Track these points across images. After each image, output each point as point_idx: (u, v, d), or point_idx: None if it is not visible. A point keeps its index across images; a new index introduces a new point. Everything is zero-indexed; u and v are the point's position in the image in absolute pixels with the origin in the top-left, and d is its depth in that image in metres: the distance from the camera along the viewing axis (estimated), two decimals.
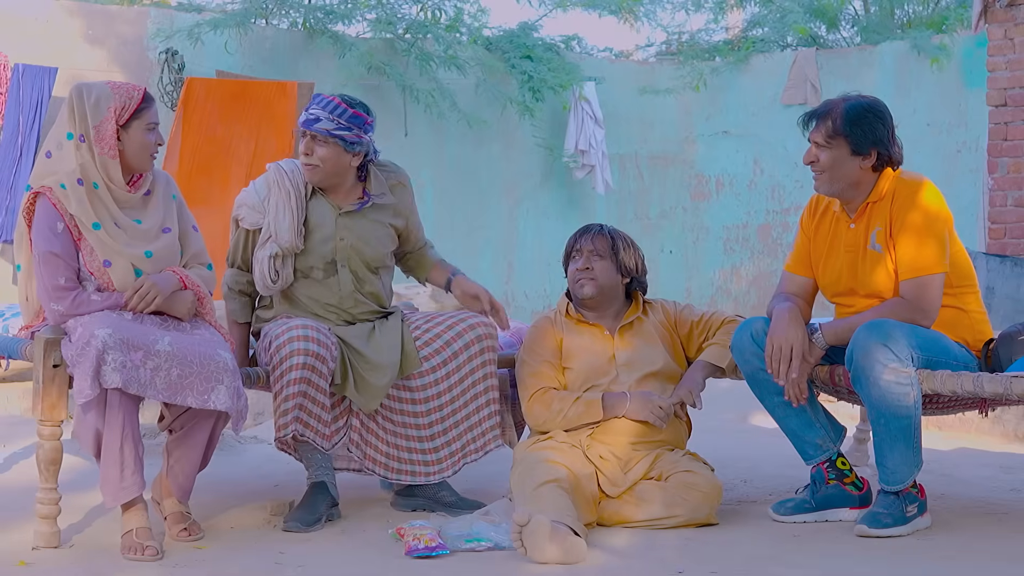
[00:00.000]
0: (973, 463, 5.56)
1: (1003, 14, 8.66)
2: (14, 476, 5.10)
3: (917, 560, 3.86)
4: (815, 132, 4.32)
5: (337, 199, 4.56)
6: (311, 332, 4.28)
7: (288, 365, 4.23)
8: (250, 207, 4.52)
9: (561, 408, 4.41)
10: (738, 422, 6.44)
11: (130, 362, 3.85)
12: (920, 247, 4.18)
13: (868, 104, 4.30)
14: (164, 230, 4.19)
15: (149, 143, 4.13)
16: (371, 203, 4.59)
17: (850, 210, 4.35)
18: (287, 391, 4.24)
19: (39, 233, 4.04)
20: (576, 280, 4.56)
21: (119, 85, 4.15)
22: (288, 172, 4.53)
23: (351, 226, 4.55)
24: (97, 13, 9.80)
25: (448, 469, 4.52)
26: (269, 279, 4.47)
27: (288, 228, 4.45)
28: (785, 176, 11.99)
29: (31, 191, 4.09)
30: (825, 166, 4.28)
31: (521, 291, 11.74)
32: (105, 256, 4.04)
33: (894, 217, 4.23)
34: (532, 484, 4.09)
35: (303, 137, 4.47)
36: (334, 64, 10.50)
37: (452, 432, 4.53)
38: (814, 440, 4.39)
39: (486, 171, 11.61)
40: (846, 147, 4.25)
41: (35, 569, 3.75)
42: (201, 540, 4.08)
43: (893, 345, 4.04)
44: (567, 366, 4.52)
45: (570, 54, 12.13)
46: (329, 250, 4.52)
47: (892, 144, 4.28)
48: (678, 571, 3.74)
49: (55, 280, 4.01)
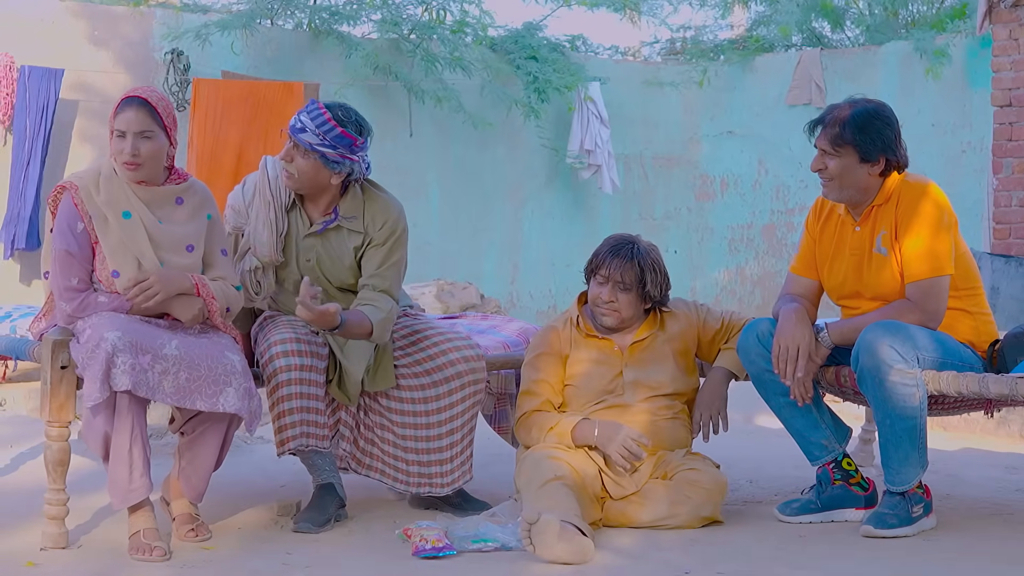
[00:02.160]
0: (978, 464, 5.56)
1: (1008, 14, 8.67)
2: (22, 477, 5.11)
3: (922, 561, 3.86)
4: (821, 139, 4.29)
5: (314, 212, 4.45)
6: (302, 346, 4.24)
7: (277, 381, 4.22)
8: (235, 210, 4.46)
9: (539, 436, 4.36)
10: (743, 422, 6.45)
11: (139, 365, 3.85)
12: (926, 249, 4.18)
13: (874, 110, 4.27)
14: (188, 248, 4.13)
15: (116, 150, 4.03)
16: (336, 224, 4.43)
17: (856, 213, 4.34)
18: (281, 407, 4.23)
19: (59, 230, 4.04)
20: (598, 307, 4.42)
21: (128, 90, 4.16)
22: (272, 179, 4.43)
23: (315, 246, 4.44)
24: (102, 14, 9.81)
25: (455, 482, 4.49)
26: (252, 291, 4.40)
27: (266, 242, 4.38)
28: (789, 176, 11.99)
29: (59, 183, 4.10)
30: (833, 174, 4.26)
31: (526, 291, 11.74)
32: (115, 265, 4.03)
33: (899, 220, 4.23)
34: (538, 481, 4.09)
35: (287, 141, 4.36)
36: (340, 65, 10.51)
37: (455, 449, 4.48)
38: (820, 441, 4.40)
39: (491, 172, 11.61)
40: (854, 155, 4.23)
41: (43, 570, 3.76)
42: (208, 541, 4.09)
43: (899, 346, 4.04)
44: (570, 383, 4.46)
45: (575, 54, 12.13)
46: (299, 267, 4.44)
47: (899, 148, 4.27)
48: (684, 572, 3.75)
49: (68, 280, 4.01)
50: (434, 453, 4.45)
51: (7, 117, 9.01)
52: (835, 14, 12.87)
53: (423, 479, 4.45)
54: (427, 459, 4.45)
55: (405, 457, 4.46)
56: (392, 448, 4.47)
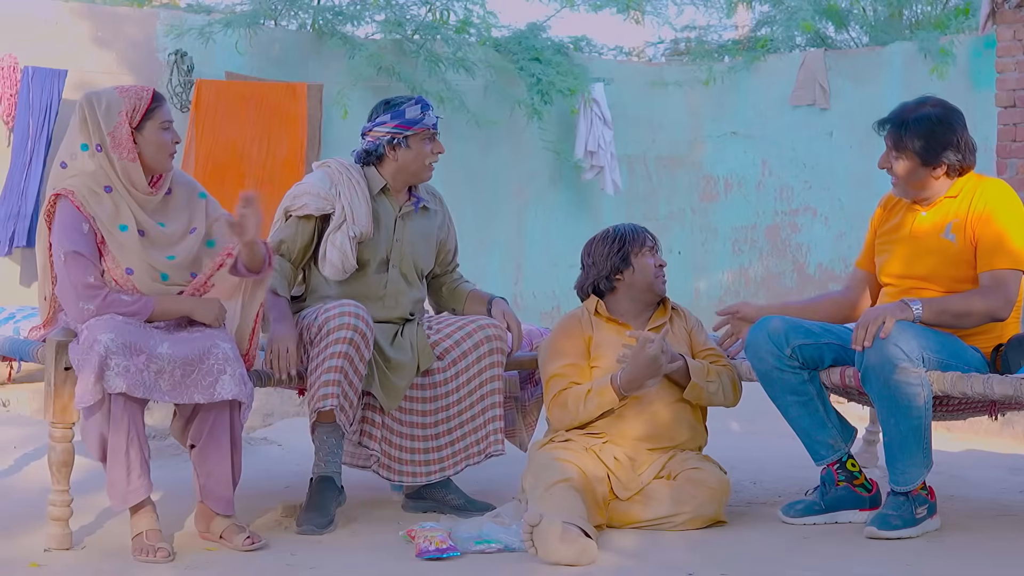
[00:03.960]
0: (982, 465, 5.56)
1: (1012, 15, 8.66)
2: (26, 478, 5.11)
3: (927, 562, 3.86)
4: (888, 137, 4.37)
5: (399, 200, 4.66)
6: (361, 312, 4.32)
7: (336, 337, 4.24)
8: (314, 195, 4.52)
9: (577, 405, 4.40)
10: (747, 424, 6.45)
11: (133, 366, 3.85)
12: (1007, 241, 4.22)
13: (938, 116, 4.32)
14: (191, 231, 4.17)
15: (165, 142, 4.12)
16: (422, 204, 4.69)
17: (924, 203, 4.40)
18: (331, 362, 4.23)
19: (64, 234, 4.01)
20: (656, 277, 4.55)
21: (127, 88, 4.15)
22: (349, 167, 4.61)
23: (407, 228, 4.64)
24: (106, 15, 9.81)
25: (449, 468, 4.53)
26: (352, 259, 4.49)
27: (365, 214, 4.51)
28: (794, 177, 11.97)
29: (52, 193, 4.06)
30: (898, 174, 4.35)
31: (529, 292, 11.74)
32: (127, 263, 4.04)
33: (977, 211, 4.26)
34: (544, 483, 4.10)
35: (435, 137, 4.61)
36: (343, 65, 10.51)
37: (456, 432, 4.55)
38: (826, 440, 4.40)
39: (495, 173, 11.60)
40: (916, 159, 4.30)
41: (47, 571, 3.76)
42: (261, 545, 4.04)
43: (904, 345, 4.04)
44: (595, 364, 4.49)
45: (579, 55, 12.12)
46: (386, 248, 4.58)
47: (963, 152, 4.32)
48: (688, 573, 3.75)
49: (85, 279, 3.99)
50: (467, 424, 4.55)
51: (10, 118, 9.01)
52: (839, 15, 12.86)
53: (459, 457, 4.54)
54: (460, 433, 4.54)
55: (437, 444, 4.53)
56: (423, 443, 4.53)
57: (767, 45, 12.45)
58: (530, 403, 4.87)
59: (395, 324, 4.59)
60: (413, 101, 4.60)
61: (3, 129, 9.07)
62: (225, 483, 4.07)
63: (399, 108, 4.57)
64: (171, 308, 4.08)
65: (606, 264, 4.54)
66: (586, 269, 4.63)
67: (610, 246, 4.55)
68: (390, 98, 4.66)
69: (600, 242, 4.60)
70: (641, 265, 4.54)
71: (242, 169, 9.29)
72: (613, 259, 4.53)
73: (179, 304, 4.10)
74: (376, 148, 4.59)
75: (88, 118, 4.07)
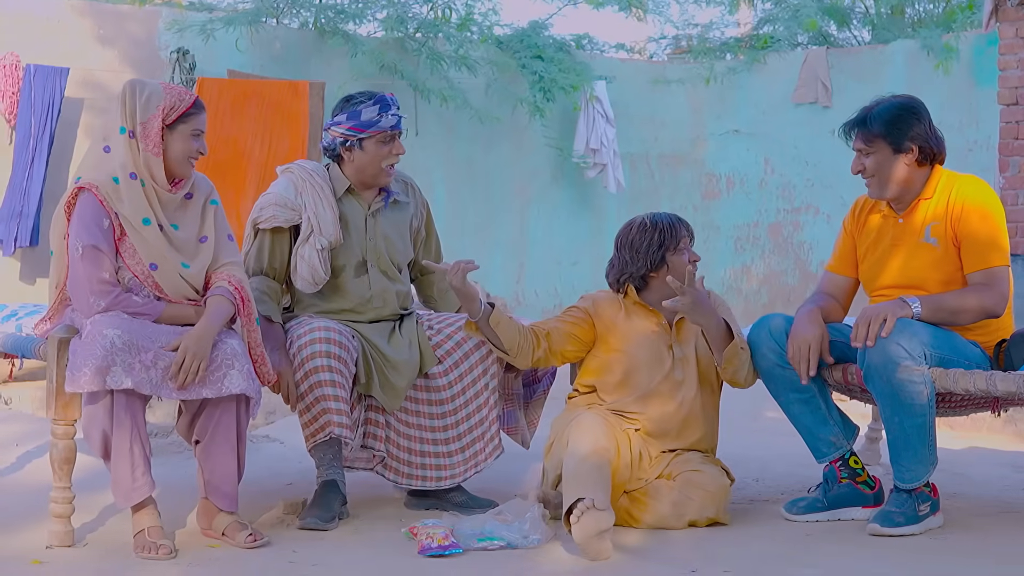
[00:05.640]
0: (985, 462, 5.55)
1: (1014, 12, 8.65)
2: (28, 475, 5.11)
3: (929, 559, 3.86)
4: (856, 141, 4.37)
5: (367, 198, 4.58)
6: (332, 334, 4.28)
7: (312, 366, 4.24)
8: (280, 206, 4.47)
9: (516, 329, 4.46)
10: (750, 421, 6.44)
11: (139, 364, 3.85)
12: (992, 239, 4.26)
13: (901, 102, 4.37)
14: (202, 239, 4.17)
15: (191, 149, 4.10)
16: (393, 198, 4.61)
17: (899, 208, 4.39)
18: (318, 391, 4.24)
19: (83, 227, 4.00)
20: (689, 274, 4.44)
21: (172, 87, 4.15)
22: (312, 171, 4.53)
23: (379, 225, 4.58)
24: (108, 13, 9.81)
25: (460, 475, 4.53)
26: (321, 271, 4.44)
27: (331, 222, 4.45)
28: (796, 175, 11.97)
29: (76, 185, 4.07)
30: (872, 171, 4.33)
31: (532, 290, 11.74)
32: (151, 258, 4.04)
33: (956, 210, 4.28)
34: (585, 447, 4.07)
35: (395, 139, 4.50)
36: (345, 63, 10.50)
37: (467, 437, 4.53)
38: (828, 437, 4.39)
39: (497, 170, 11.60)
40: (887, 147, 4.30)
41: (49, 568, 3.76)
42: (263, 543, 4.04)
43: (906, 343, 4.04)
44: (619, 348, 4.45)
45: (581, 53, 12.12)
46: (360, 249, 4.54)
47: (932, 137, 4.34)
48: (691, 570, 3.75)
49: (100, 274, 3.98)
50: (476, 429, 4.52)
51: (12, 116, 9.01)
52: (842, 13, 12.85)
53: (468, 464, 4.52)
54: (470, 438, 4.52)
55: (448, 450, 4.51)
56: (432, 446, 4.52)
57: (769, 43, 12.43)
58: (532, 400, 4.87)
59: (390, 321, 4.58)
60: (372, 101, 4.47)
61: (5, 127, 9.07)
62: (230, 479, 4.08)
63: (355, 108, 4.47)
64: (179, 315, 4.09)
65: (643, 261, 4.45)
66: (621, 259, 4.52)
67: (648, 241, 4.45)
68: (352, 95, 4.54)
69: (639, 234, 4.48)
70: (675, 263, 4.46)
71: (244, 167, 9.29)
72: (650, 257, 4.45)
73: (186, 311, 4.10)
74: (332, 148, 4.55)
75: (127, 103, 4.08)
